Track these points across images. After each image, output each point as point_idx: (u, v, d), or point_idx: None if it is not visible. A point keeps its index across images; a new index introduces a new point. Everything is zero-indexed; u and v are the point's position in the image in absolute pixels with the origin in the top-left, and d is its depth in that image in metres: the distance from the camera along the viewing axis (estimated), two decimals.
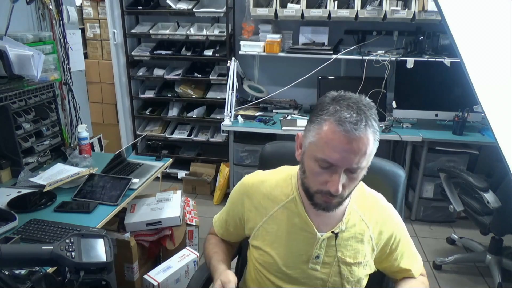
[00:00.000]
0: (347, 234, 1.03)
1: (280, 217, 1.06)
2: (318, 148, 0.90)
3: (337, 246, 1.02)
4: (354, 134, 0.85)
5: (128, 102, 3.54)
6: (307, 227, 1.03)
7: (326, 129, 0.88)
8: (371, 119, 0.89)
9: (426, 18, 2.75)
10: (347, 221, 1.03)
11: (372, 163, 1.29)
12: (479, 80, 1.10)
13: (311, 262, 1.04)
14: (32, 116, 2.05)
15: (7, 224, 1.50)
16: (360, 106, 0.89)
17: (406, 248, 1.10)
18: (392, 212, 1.11)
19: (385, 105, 3.04)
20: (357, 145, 0.86)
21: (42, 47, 2.32)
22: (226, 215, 1.22)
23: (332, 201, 0.94)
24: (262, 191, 1.10)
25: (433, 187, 2.91)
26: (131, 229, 2.04)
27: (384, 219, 1.07)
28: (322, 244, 1.02)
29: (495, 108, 1.12)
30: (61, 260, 0.84)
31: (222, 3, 3.08)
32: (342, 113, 0.87)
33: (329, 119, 0.88)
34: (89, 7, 3.72)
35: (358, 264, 1.04)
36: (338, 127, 0.86)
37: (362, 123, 0.86)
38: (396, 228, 1.09)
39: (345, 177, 0.91)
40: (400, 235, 1.09)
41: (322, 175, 0.92)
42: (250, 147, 3.06)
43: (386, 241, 1.07)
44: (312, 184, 0.95)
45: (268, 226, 1.08)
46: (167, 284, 1.83)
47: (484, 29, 1.12)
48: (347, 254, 1.03)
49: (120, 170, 2.06)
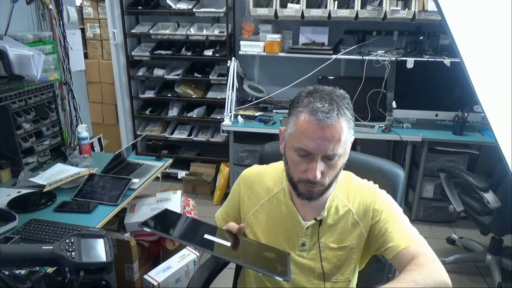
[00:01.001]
0: (331, 221, 1.07)
1: (270, 207, 1.12)
2: (295, 139, 0.96)
3: (320, 232, 1.06)
4: (327, 122, 0.91)
5: (128, 102, 3.54)
6: (294, 215, 1.08)
7: (301, 120, 0.95)
8: (344, 108, 0.94)
9: (426, 18, 2.75)
10: (330, 208, 1.07)
11: (371, 162, 1.31)
12: (479, 80, 1.10)
13: (298, 250, 1.08)
14: (32, 116, 2.05)
15: (7, 224, 1.50)
16: (333, 97, 0.95)
17: (397, 225, 1.02)
18: (378, 191, 1.09)
19: (385, 105, 3.04)
20: (330, 133, 0.92)
21: (42, 47, 2.32)
22: (227, 206, 1.26)
23: (314, 189, 0.98)
24: (256, 182, 1.17)
25: (433, 187, 2.91)
26: (131, 229, 2.04)
27: (367, 199, 1.07)
28: (307, 231, 1.07)
29: (495, 108, 1.12)
30: (61, 260, 0.84)
31: (222, 3, 3.08)
32: (315, 104, 0.93)
33: (304, 110, 0.95)
34: (89, 7, 3.72)
35: (343, 248, 1.06)
36: (312, 116, 0.93)
37: (334, 112, 0.92)
38: (382, 205, 1.06)
39: (323, 164, 0.96)
40: (386, 211, 1.04)
41: (301, 164, 0.97)
42: (250, 147, 3.06)
43: (373, 218, 1.06)
44: (294, 173, 1.00)
45: (259, 215, 1.14)
46: (167, 284, 1.83)
47: (484, 29, 1.12)
48: (331, 239, 1.07)
49: (120, 170, 2.06)
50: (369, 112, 2.94)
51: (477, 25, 1.12)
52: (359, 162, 1.33)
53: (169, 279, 1.83)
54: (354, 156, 1.36)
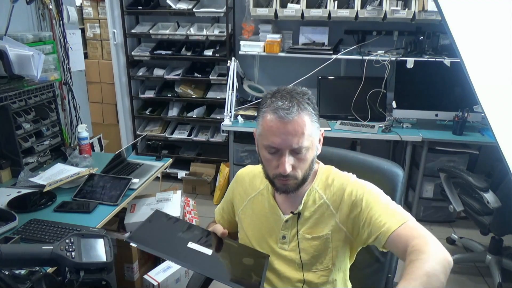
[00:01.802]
0: (308, 213, 1.11)
1: (255, 202, 1.20)
2: (263, 137, 1.03)
3: (299, 225, 1.11)
4: (288, 118, 0.98)
5: (128, 102, 3.54)
6: (275, 210, 1.15)
7: (266, 119, 1.02)
8: (304, 104, 1.00)
9: (426, 18, 2.75)
10: (307, 201, 1.11)
11: (370, 162, 1.32)
12: (479, 80, 1.10)
13: (280, 242, 1.14)
14: (32, 116, 2.05)
15: (7, 224, 1.50)
16: (293, 95, 1.02)
17: (380, 210, 1.02)
18: (353, 181, 1.10)
19: (385, 105, 3.04)
20: (292, 127, 0.98)
21: (42, 47, 2.32)
22: (224, 202, 1.35)
23: (288, 182, 1.04)
24: (246, 180, 1.25)
25: (433, 187, 2.91)
26: (131, 229, 2.04)
27: (343, 190, 1.09)
28: (286, 224, 1.13)
29: (495, 108, 1.12)
30: (61, 260, 0.84)
31: (222, 3, 3.08)
32: (276, 103, 1.00)
33: (267, 110, 1.02)
34: (89, 7, 3.72)
35: (318, 238, 1.10)
36: (274, 114, 0.99)
37: (294, 108, 0.98)
38: (360, 194, 1.06)
39: (292, 158, 1.01)
40: (366, 199, 1.04)
41: (272, 161, 1.04)
42: (250, 147, 3.06)
43: (352, 211, 1.06)
44: (268, 170, 1.07)
45: (246, 210, 1.22)
46: (167, 284, 1.83)
47: (484, 29, 1.12)
48: (307, 230, 1.11)
49: (120, 170, 2.06)
50: (369, 112, 2.94)
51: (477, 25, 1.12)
52: (358, 161, 1.33)
53: (169, 279, 1.83)
54: (353, 156, 1.37)
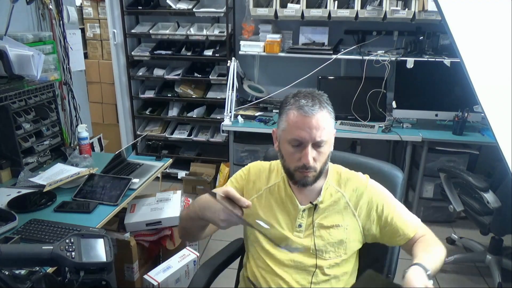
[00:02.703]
0: (324, 204, 1.21)
1: (271, 192, 1.26)
2: (288, 132, 1.13)
3: (315, 214, 1.20)
4: (312, 113, 1.10)
5: (128, 102, 3.54)
6: (292, 200, 1.22)
7: (291, 116, 1.12)
8: (324, 102, 1.13)
9: (426, 18, 2.75)
10: (324, 194, 1.21)
11: (371, 164, 1.37)
12: (479, 80, 1.10)
13: (295, 230, 1.20)
14: (32, 116, 2.05)
15: (7, 224, 1.50)
16: (314, 95, 1.14)
17: (395, 213, 1.19)
18: (371, 183, 1.24)
19: (385, 105, 3.04)
20: (316, 121, 1.09)
21: (42, 47, 2.32)
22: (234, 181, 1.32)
23: (309, 174, 1.13)
24: (261, 172, 1.31)
25: (433, 187, 2.91)
26: (131, 229, 2.04)
27: (361, 188, 1.22)
28: (303, 214, 1.20)
29: (495, 108, 1.12)
30: (61, 260, 0.84)
31: (222, 3, 3.08)
32: (300, 101, 1.12)
33: (292, 107, 1.13)
34: (89, 7, 3.72)
35: (336, 226, 1.19)
36: (299, 111, 1.11)
37: (316, 105, 1.11)
38: (376, 194, 1.21)
39: (314, 151, 1.12)
40: (382, 201, 1.20)
41: (295, 154, 1.13)
42: (250, 147, 3.06)
43: (368, 206, 1.20)
44: (290, 164, 1.15)
45: (261, 199, 1.26)
46: (167, 284, 1.83)
47: (484, 29, 1.12)
48: (324, 219, 1.20)
49: (120, 170, 2.06)
50: (369, 112, 2.94)
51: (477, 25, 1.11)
52: (360, 164, 1.37)
53: (169, 279, 1.83)
54: (354, 158, 1.40)
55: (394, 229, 1.18)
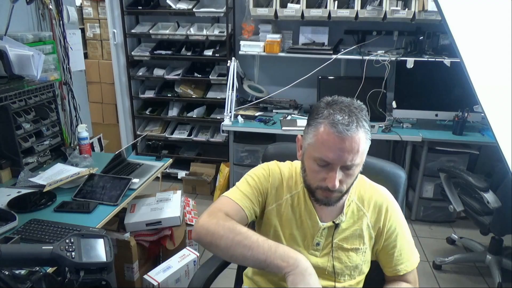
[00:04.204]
0: (346, 224, 1.12)
1: (291, 203, 1.15)
2: (315, 149, 0.99)
3: (335, 234, 1.11)
4: (347, 134, 0.95)
5: (128, 102, 3.54)
6: (312, 216, 1.12)
7: (321, 131, 0.98)
8: (362, 120, 0.98)
9: (426, 18, 2.75)
10: (347, 212, 1.12)
11: (373, 164, 1.33)
12: (479, 80, 1.10)
13: (312, 248, 1.13)
14: (32, 116, 2.05)
15: (7, 224, 1.49)
16: (352, 109, 0.98)
17: (403, 244, 1.13)
18: (392, 204, 1.15)
19: (385, 105, 3.04)
20: (349, 144, 0.95)
21: (42, 47, 2.31)
22: (253, 188, 1.14)
23: (332, 195, 1.03)
24: (281, 178, 1.17)
25: (433, 187, 2.91)
26: (131, 229, 2.04)
27: (382, 206, 1.13)
28: (323, 232, 1.11)
29: (495, 108, 1.12)
30: (61, 260, 0.84)
31: (222, 3, 3.08)
32: (335, 116, 0.96)
33: (324, 122, 0.98)
34: (89, 7, 3.72)
35: (356, 250, 1.12)
36: (332, 128, 0.96)
37: (353, 124, 0.95)
38: (394, 219, 1.13)
39: (342, 173, 1.00)
40: (397, 227, 1.13)
41: (320, 173, 1.01)
42: (250, 147, 3.06)
43: (382, 227, 1.12)
44: (312, 181, 1.04)
45: (281, 208, 1.15)
46: (167, 284, 1.83)
47: (484, 29, 1.12)
48: (344, 241, 1.12)
49: (120, 170, 2.06)
50: (369, 112, 2.93)
51: (477, 25, 1.11)
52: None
53: (169, 279, 1.83)
54: None
55: (391, 258, 1.12)
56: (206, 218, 1.05)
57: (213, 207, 1.10)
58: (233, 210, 1.08)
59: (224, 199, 1.12)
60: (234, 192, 1.14)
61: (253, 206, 1.12)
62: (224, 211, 1.06)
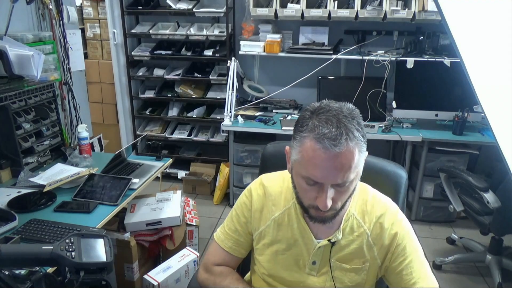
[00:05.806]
0: (345, 241, 1.02)
1: (281, 223, 1.06)
2: (301, 166, 0.89)
3: (333, 252, 1.01)
4: (335, 151, 0.82)
5: (128, 102, 3.54)
6: (305, 234, 1.03)
7: (306, 147, 0.86)
8: (353, 131, 0.84)
9: (426, 18, 2.75)
10: (344, 228, 1.01)
11: (374, 163, 1.29)
12: (479, 80, 1.10)
13: (308, 268, 1.04)
14: (32, 116, 2.05)
15: (7, 224, 1.50)
16: (340, 119, 0.85)
17: (413, 259, 0.99)
18: (399, 218, 1.03)
19: (385, 105, 3.04)
20: (339, 162, 0.84)
21: (42, 47, 2.31)
22: (236, 223, 1.13)
23: (325, 214, 0.93)
24: (267, 196, 1.09)
25: (433, 187, 2.91)
26: (131, 229, 2.04)
27: (386, 223, 1.01)
28: (318, 251, 1.02)
29: (495, 108, 1.12)
30: (61, 260, 0.84)
31: (222, 3, 3.08)
32: (320, 129, 0.84)
33: (309, 136, 0.85)
34: (89, 7, 3.72)
35: (356, 270, 1.02)
36: (318, 144, 0.83)
37: (342, 137, 0.82)
38: (404, 237, 1.00)
39: (334, 191, 0.89)
40: (405, 241, 1.00)
41: (310, 192, 0.91)
42: (250, 147, 3.06)
43: (389, 244, 1.01)
44: (303, 199, 0.95)
45: (269, 230, 1.08)
46: (167, 284, 1.83)
47: (484, 29, 1.12)
48: (343, 260, 1.02)
49: (120, 170, 2.06)
50: (369, 112, 2.94)
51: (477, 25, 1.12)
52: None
53: (169, 279, 1.83)
54: None
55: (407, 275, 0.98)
56: (204, 275, 1.14)
57: (206, 259, 1.16)
58: (224, 258, 1.13)
59: (214, 247, 1.16)
60: (222, 233, 1.15)
61: (239, 242, 1.12)
62: (217, 263, 1.13)
